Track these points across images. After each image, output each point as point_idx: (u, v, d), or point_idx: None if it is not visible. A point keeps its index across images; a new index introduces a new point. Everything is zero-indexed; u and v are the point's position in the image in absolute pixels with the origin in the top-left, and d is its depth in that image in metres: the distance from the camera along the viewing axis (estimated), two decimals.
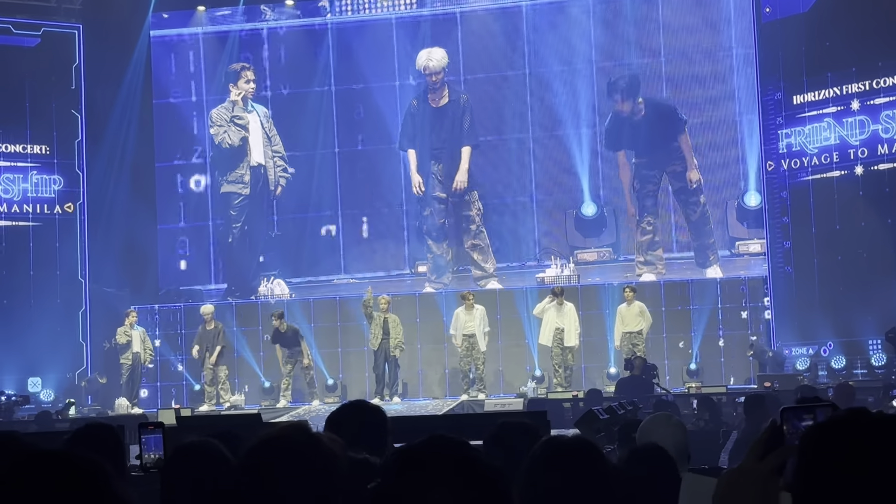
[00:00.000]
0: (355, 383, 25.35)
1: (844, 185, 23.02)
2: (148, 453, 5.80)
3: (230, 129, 26.49)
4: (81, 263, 26.06)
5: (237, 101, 26.57)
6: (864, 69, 22.79)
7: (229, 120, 26.55)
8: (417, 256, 26.77)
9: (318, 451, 2.93)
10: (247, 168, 26.62)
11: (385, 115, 26.89)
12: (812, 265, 23.41)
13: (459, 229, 26.03)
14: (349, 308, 25.52)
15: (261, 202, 26.86)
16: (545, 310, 23.26)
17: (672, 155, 25.03)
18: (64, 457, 2.35)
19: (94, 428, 5.54)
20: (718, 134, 25.52)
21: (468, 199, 25.82)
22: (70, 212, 26.09)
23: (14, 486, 2.26)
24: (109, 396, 24.37)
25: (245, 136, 26.57)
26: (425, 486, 2.21)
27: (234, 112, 26.58)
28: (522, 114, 26.41)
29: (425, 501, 2.19)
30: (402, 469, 2.26)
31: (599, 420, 10.76)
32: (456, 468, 2.23)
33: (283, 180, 26.81)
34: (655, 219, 25.15)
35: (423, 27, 26.97)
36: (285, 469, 2.89)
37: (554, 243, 26.28)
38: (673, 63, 25.65)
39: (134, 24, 27.07)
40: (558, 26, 26.39)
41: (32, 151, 25.89)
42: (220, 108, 26.81)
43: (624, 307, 23.22)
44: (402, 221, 26.98)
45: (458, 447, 2.27)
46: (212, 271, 27.51)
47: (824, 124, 23.22)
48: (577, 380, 23.92)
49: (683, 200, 25.11)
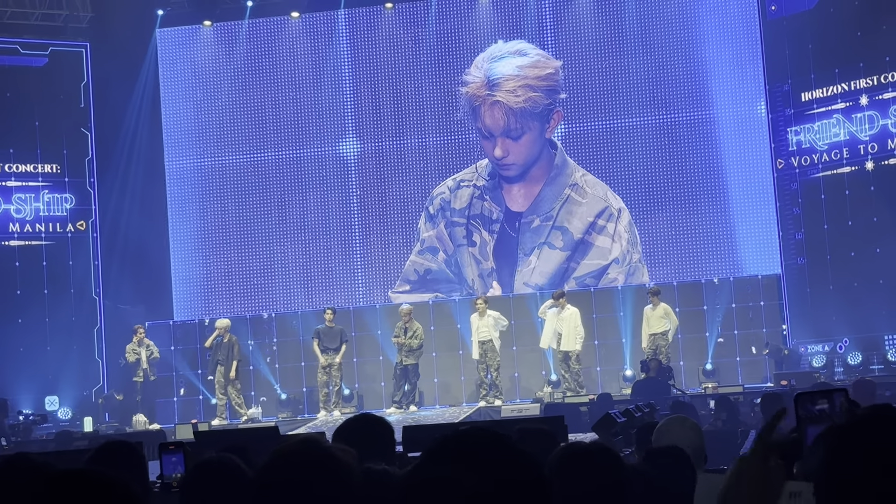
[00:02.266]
0: (371, 393, 25.36)
1: (855, 180, 23.01)
2: (170, 474, 5.82)
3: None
4: (95, 281, 26.14)
5: None
6: (872, 64, 22.79)
7: None
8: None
9: (331, 464, 2.94)
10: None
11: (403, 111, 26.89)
12: (825, 262, 23.39)
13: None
14: (364, 318, 25.55)
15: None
16: (547, 313, 23.27)
17: None
18: (95, 477, 2.36)
19: (115, 445, 5.53)
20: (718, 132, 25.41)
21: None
22: (82, 230, 26.16)
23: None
24: (127, 413, 24.40)
25: None
26: (462, 470, 2.19)
27: None
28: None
29: (461, 485, 2.18)
30: (438, 454, 2.25)
31: (616, 423, 10.76)
32: (494, 454, 2.22)
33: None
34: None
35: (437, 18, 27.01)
36: (300, 483, 2.90)
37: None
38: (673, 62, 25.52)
39: (141, 41, 27.13)
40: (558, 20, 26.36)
41: (43, 171, 25.98)
42: None
43: (649, 309, 23.18)
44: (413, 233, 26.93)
45: (495, 435, 2.26)
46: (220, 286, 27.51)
47: (833, 120, 23.21)
48: (593, 383, 23.91)
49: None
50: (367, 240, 26.88)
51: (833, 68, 23.21)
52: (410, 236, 26.64)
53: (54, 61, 26.22)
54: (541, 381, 24.43)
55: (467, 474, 2.18)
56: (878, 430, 2.14)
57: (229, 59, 27.53)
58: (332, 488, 2.90)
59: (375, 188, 26.94)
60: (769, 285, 24.41)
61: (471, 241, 26.12)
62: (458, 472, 2.19)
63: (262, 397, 25.54)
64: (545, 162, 25.96)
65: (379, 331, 25.07)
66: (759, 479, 2.28)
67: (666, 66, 25.60)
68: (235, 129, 27.03)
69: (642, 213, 25.78)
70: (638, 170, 25.81)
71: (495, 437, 2.24)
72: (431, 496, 2.19)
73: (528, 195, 25.95)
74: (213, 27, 27.57)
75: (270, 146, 27.00)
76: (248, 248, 26.98)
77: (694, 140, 25.30)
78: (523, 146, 25.72)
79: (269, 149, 27.01)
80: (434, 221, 26.39)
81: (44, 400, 24.89)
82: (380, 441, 5.09)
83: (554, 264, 25.68)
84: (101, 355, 25.88)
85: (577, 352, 23.08)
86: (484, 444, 2.23)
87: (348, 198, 27.17)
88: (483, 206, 26.09)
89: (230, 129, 27.09)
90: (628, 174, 25.92)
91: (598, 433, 10.60)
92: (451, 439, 2.26)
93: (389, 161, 26.84)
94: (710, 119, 25.25)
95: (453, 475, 2.19)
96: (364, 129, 26.94)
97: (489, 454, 2.21)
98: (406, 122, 26.73)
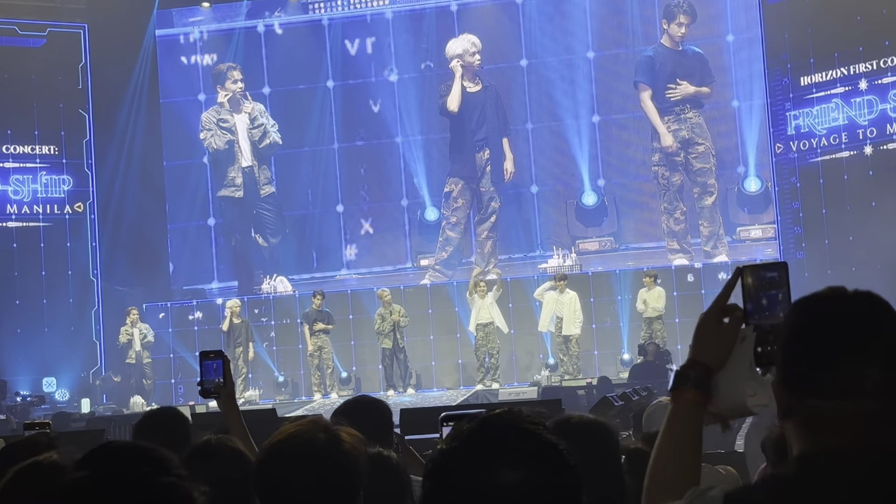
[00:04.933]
0: (369, 376, 25.38)
1: (854, 165, 22.98)
2: (211, 379, 5.87)
3: (217, 134, 26.48)
4: (93, 262, 26.12)
5: (224, 104, 26.55)
6: (871, 48, 22.73)
7: (216, 123, 26.54)
8: (420, 250, 26.78)
9: (338, 448, 2.92)
10: (238, 171, 26.60)
11: (385, 110, 26.88)
12: (824, 246, 23.38)
13: (471, 221, 26.04)
14: (361, 301, 25.57)
15: (254, 203, 26.85)
16: (545, 295, 23.28)
17: (697, 130, 24.91)
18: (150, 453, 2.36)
19: (160, 416, 5.73)
20: (716, 120, 25.40)
21: (492, 189, 25.78)
22: (80, 211, 26.14)
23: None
24: (125, 395, 24.41)
25: (231, 140, 26.52)
26: (493, 456, 2.19)
27: (220, 115, 26.57)
28: (521, 104, 26.39)
29: (491, 470, 2.17)
30: (470, 438, 2.24)
31: (614, 406, 10.79)
32: (527, 441, 2.22)
33: (266, 183, 26.78)
34: (685, 205, 24.98)
35: (423, 20, 27.01)
36: (305, 466, 2.88)
37: (555, 234, 26.27)
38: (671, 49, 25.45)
39: (139, 23, 27.08)
40: (557, 16, 26.36)
41: (41, 152, 25.94)
42: (208, 112, 26.84)
43: (644, 292, 23.17)
44: (402, 216, 26.98)
45: (529, 421, 2.26)
46: (215, 269, 27.54)
47: (832, 105, 23.17)
48: (591, 367, 23.92)
49: (702, 184, 24.91)
50: (369, 220, 26.96)
51: (832, 52, 23.15)
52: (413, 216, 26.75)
53: (52, 42, 26.15)
54: (538, 365, 24.43)
55: (499, 462, 2.18)
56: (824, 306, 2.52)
57: (227, 39, 27.50)
58: (337, 472, 2.88)
59: (378, 170, 27.00)
60: None
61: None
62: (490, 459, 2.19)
63: (260, 380, 25.56)
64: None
65: (376, 314, 25.12)
66: (716, 333, 2.72)
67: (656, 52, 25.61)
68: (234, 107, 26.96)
69: (641, 197, 25.81)
70: (637, 155, 25.84)
71: (528, 425, 2.25)
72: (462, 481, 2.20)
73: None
74: (213, 8, 27.52)
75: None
76: (247, 229, 26.99)
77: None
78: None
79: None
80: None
81: (41, 381, 24.91)
82: (378, 423, 5.09)
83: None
84: (98, 337, 25.88)
85: (577, 336, 23.10)
86: (516, 432, 2.24)
87: (351, 178, 27.20)
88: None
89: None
90: (626, 160, 25.97)
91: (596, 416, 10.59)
92: (485, 423, 2.27)
93: (390, 149, 26.90)
94: (713, 104, 25.24)
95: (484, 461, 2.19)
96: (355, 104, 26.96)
97: (521, 442, 2.22)
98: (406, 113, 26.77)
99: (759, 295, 2.72)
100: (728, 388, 2.68)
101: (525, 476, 2.17)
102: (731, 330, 2.71)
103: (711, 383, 2.69)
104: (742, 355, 2.67)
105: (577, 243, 25.97)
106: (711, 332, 2.73)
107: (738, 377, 2.67)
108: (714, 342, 2.71)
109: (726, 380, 2.69)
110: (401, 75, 26.99)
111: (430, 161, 26.61)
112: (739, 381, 2.66)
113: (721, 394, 2.69)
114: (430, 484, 2.24)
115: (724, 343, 2.70)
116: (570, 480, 2.23)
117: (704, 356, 2.71)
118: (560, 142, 26.10)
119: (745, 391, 2.65)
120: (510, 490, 2.16)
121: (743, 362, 2.67)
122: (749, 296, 2.72)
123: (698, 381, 2.69)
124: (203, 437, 4.20)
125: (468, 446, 2.23)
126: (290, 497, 2.86)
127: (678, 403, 2.70)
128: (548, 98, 26.23)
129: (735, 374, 2.67)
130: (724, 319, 2.73)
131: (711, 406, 2.70)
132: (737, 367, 2.68)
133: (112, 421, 18.85)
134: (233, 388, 5.30)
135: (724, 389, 2.69)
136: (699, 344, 2.74)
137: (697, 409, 2.69)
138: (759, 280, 2.74)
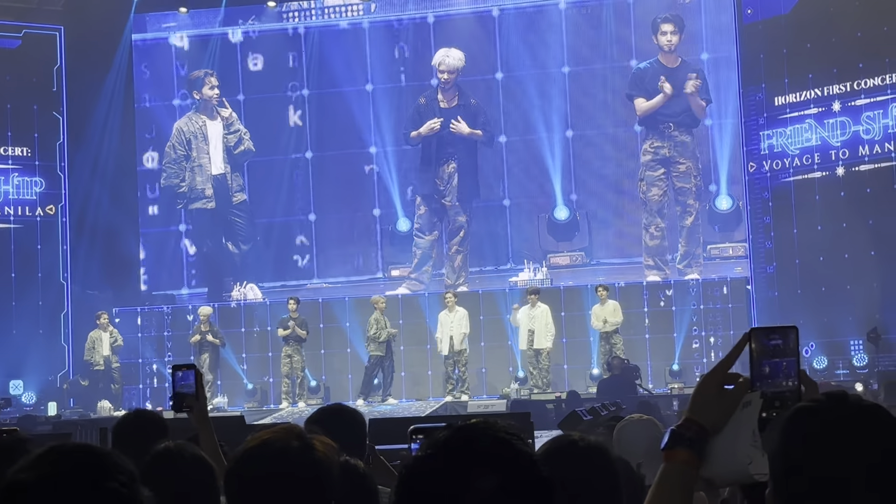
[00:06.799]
0: (338, 385, 25.32)
1: (826, 185, 23.10)
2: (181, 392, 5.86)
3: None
4: (63, 266, 25.99)
5: (196, 113, 26.62)
6: (845, 70, 22.87)
7: (187, 132, 26.58)
8: (391, 261, 26.80)
9: (311, 456, 2.91)
10: (208, 180, 26.57)
11: (357, 120, 26.88)
12: (794, 266, 23.49)
13: (443, 234, 26.07)
14: (332, 310, 25.53)
15: (226, 211, 26.82)
16: (519, 313, 23.31)
17: (682, 149, 24.99)
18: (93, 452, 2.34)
19: (138, 418, 5.77)
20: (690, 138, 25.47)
21: (457, 204, 25.80)
22: (52, 214, 26.02)
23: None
24: (92, 399, 24.29)
25: (202, 146, 26.55)
26: (467, 463, 2.20)
27: (192, 122, 26.60)
28: (495, 118, 26.43)
29: (465, 477, 2.18)
30: (445, 445, 2.25)
31: (583, 421, 10.78)
32: (501, 449, 2.23)
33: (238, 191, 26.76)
34: (663, 222, 25.05)
35: (398, 32, 27.07)
36: (278, 473, 2.86)
37: (526, 247, 26.32)
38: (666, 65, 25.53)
39: (115, 27, 26.98)
40: (532, 30, 26.43)
41: (13, 153, 25.81)
42: (181, 121, 26.85)
43: (598, 307, 23.21)
44: (374, 226, 26.99)
45: (506, 431, 2.27)
46: (184, 276, 27.47)
47: (805, 125, 23.30)
48: (561, 380, 23.94)
49: (682, 203, 25.01)
50: (339, 227, 26.98)
51: (807, 73, 23.29)
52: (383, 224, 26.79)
53: (28, 44, 26.04)
54: (507, 378, 24.43)
55: (473, 469, 2.19)
56: (826, 415, 2.39)
57: (204, 45, 27.47)
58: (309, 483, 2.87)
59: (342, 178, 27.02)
60: (737, 288, 24.48)
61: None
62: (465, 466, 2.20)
63: (229, 387, 25.49)
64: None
65: (347, 323, 25.04)
66: (717, 395, 2.62)
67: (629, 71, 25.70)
68: (208, 114, 26.91)
69: (616, 214, 25.89)
70: (610, 172, 25.92)
71: (503, 434, 2.26)
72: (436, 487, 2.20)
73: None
74: (189, 14, 27.48)
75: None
76: (218, 236, 26.95)
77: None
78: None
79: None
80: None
81: (8, 384, 24.74)
82: (352, 432, 5.09)
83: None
84: (67, 340, 25.75)
85: (548, 349, 23.13)
86: (492, 440, 2.25)
87: (324, 187, 27.20)
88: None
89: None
90: (599, 175, 26.04)
91: (564, 431, 10.62)
92: (461, 431, 2.27)
93: (363, 159, 26.92)
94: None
95: (458, 468, 2.20)
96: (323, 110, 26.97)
97: (496, 450, 2.23)
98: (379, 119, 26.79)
99: (762, 363, 2.64)
100: (725, 453, 2.60)
101: (498, 484, 2.18)
102: (734, 395, 2.63)
103: (706, 447, 2.61)
104: (745, 421, 2.59)
105: (548, 257, 26.00)
106: (712, 395, 2.64)
107: (738, 443, 2.58)
108: (714, 405, 2.63)
109: (723, 444, 2.61)
110: (376, 85, 27.00)
111: (403, 172, 26.62)
112: (739, 447, 2.58)
113: (716, 458, 2.61)
114: (403, 490, 2.25)
115: (724, 407, 2.62)
116: (543, 489, 2.24)
117: (702, 417, 2.63)
118: (533, 156, 26.14)
119: (745, 458, 2.56)
120: (484, 497, 2.17)
121: (745, 428, 2.59)
122: (753, 362, 2.65)
123: (693, 442, 2.61)
124: (162, 444, 4.20)
125: (443, 453, 2.24)
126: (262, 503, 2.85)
127: (670, 463, 2.63)
128: (522, 111, 26.28)
129: (735, 440, 2.59)
130: (726, 385, 2.65)
131: (703, 470, 2.62)
132: (737, 432, 2.59)
133: (79, 425, 18.77)
134: (205, 401, 5.29)
135: (721, 454, 2.61)
136: (698, 404, 2.65)
137: (689, 470, 2.61)
138: (763, 347, 2.65)
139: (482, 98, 26.36)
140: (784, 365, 2.63)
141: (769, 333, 2.66)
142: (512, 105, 26.43)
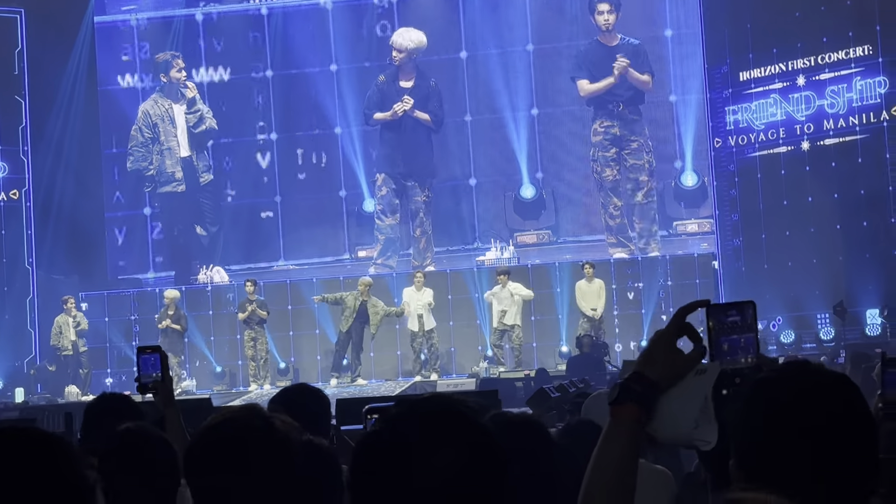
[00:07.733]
0: (307, 366, 25.29)
1: (791, 160, 23.18)
2: (148, 373, 5.84)
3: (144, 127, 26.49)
4: (28, 250, 25.83)
5: (162, 96, 26.49)
6: (809, 45, 22.94)
7: (153, 115, 26.47)
8: (358, 242, 26.77)
9: (272, 436, 2.88)
10: (177, 164, 26.47)
11: (323, 100, 26.80)
12: (760, 240, 23.58)
13: (408, 214, 26.02)
14: (300, 291, 25.47)
15: (195, 192, 26.72)
16: (492, 294, 23.27)
17: (633, 126, 25.01)
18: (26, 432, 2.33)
19: (109, 401, 5.64)
20: (654, 115, 25.51)
21: (417, 185, 25.75)
22: (15, 198, 25.83)
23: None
24: (59, 384, 24.17)
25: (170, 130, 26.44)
26: (420, 438, 2.18)
27: (158, 105, 26.48)
28: (460, 96, 26.41)
29: (418, 451, 2.16)
30: (397, 419, 2.23)
31: (551, 398, 10.82)
32: (454, 422, 2.21)
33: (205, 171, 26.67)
34: (620, 201, 25.06)
35: (363, 11, 26.99)
36: (237, 452, 2.84)
37: (493, 226, 26.33)
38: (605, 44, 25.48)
39: (77, 9, 26.81)
40: (496, 8, 26.40)
41: None
42: (146, 103, 26.73)
43: (584, 283, 23.15)
44: (340, 207, 26.95)
45: (461, 407, 2.24)
46: (150, 259, 27.37)
47: (770, 100, 23.36)
48: (530, 359, 23.96)
49: (634, 180, 25.05)
50: (305, 208, 26.93)
51: (771, 48, 23.34)
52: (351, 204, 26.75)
53: None
54: (476, 357, 24.45)
55: (424, 443, 2.17)
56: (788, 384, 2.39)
57: (167, 26, 27.33)
58: (271, 462, 2.84)
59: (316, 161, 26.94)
60: (704, 264, 24.55)
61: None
62: (415, 441, 2.18)
63: (196, 370, 25.42)
64: None
65: (315, 304, 25.00)
66: (669, 351, 2.58)
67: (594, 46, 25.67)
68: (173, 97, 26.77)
69: (583, 192, 25.92)
70: (576, 149, 25.94)
71: (459, 410, 2.24)
72: (387, 462, 2.18)
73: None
74: None
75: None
76: (188, 219, 26.86)
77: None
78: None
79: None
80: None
81: None
82: (315, 412, 5.08)
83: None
84: (33, 326, 25.60)
85: (518, 326, 23.14)
86: (442, 414, 2.22)
87: (289, 168, 27.13)
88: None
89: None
90: (564, 153, 26.07)
91: (532, 408, 10.66)
92: (412, 407, 2.25)
93: (329, 140, 26.84)
94: (650, 97, 25.33)
95: (408, 443, 2.17)
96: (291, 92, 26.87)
97: (447, 423, 2.21)
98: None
99: (720, 339, 2.61)
100: (673, 414, 2.54)
101: (452, 456, 2.16)
102: (687, 359, 2.57)
103: (655, 403, 2.55)
104: (698, 387, 2.53)
105: (515, 236, 26.02)
106: (664, 350, 2.58)
107: (687, 406, 2.52)
108: (666, 360, 2.56)
109: (672, 405, 2.54)
110: (340, 66, 26.91)
111: (369, 152, 26.55)
112: (689, 411, 2.52)
113: (663, 418, 2.54)
114: (356, 466, 2.23)
115: (676, 364, 2.56)
116: (496, 460, 2.22)
117: (652, 372, 2.55)
118: (499, 134, 26.13)
119: (692, 423, 2.51)
120: (437, 471, 2.14)
121: (698, 394, 2.52)
122: (711, 340, 2.62)
123: (642, 396, 2.53)
124: (123, 426, 4.18)
125: (391, 428, 2.22)
126: (221, 481, 2.82)
127: (617, 419, 2.55)
128: (487, 90, 26.26)
129: (685, 404, 2.53)
130: (679, 340, 2.60)
131: (649, 427, 2.55)
132: (689, 397, 2.53)
133: (45, 410, 18.65)
134: (171, 383, 5.26)
135: (669, 415, 2.54)
136: (649, 359, 2.59)
137: (636, 426, 2.54)
138: (720, 324, 2.63)
139: (447, 77, 26.32)
140: (742, 341, 2.61)
141: (726, 310, 2.65)
142: (476, 84, 26.41)
